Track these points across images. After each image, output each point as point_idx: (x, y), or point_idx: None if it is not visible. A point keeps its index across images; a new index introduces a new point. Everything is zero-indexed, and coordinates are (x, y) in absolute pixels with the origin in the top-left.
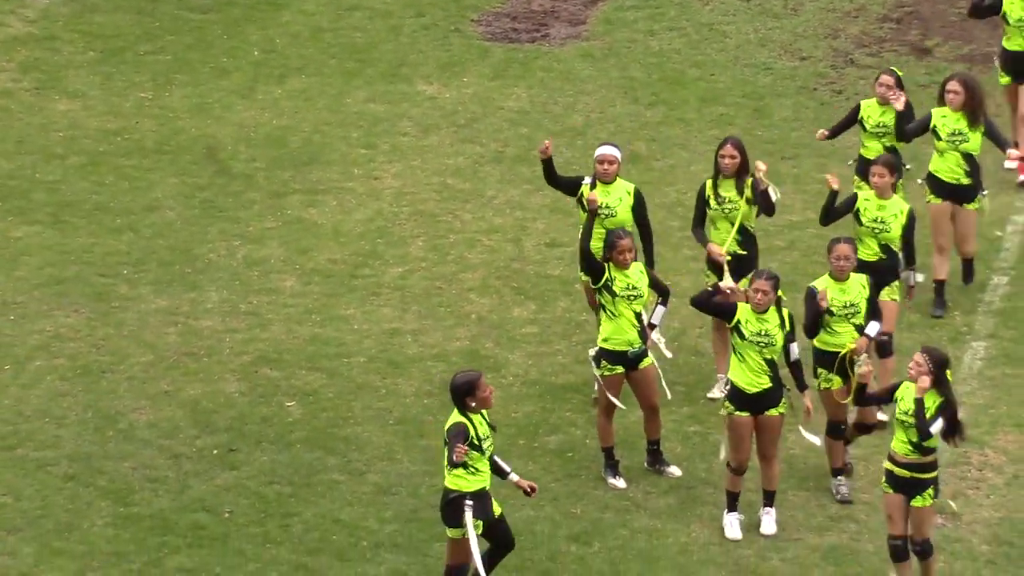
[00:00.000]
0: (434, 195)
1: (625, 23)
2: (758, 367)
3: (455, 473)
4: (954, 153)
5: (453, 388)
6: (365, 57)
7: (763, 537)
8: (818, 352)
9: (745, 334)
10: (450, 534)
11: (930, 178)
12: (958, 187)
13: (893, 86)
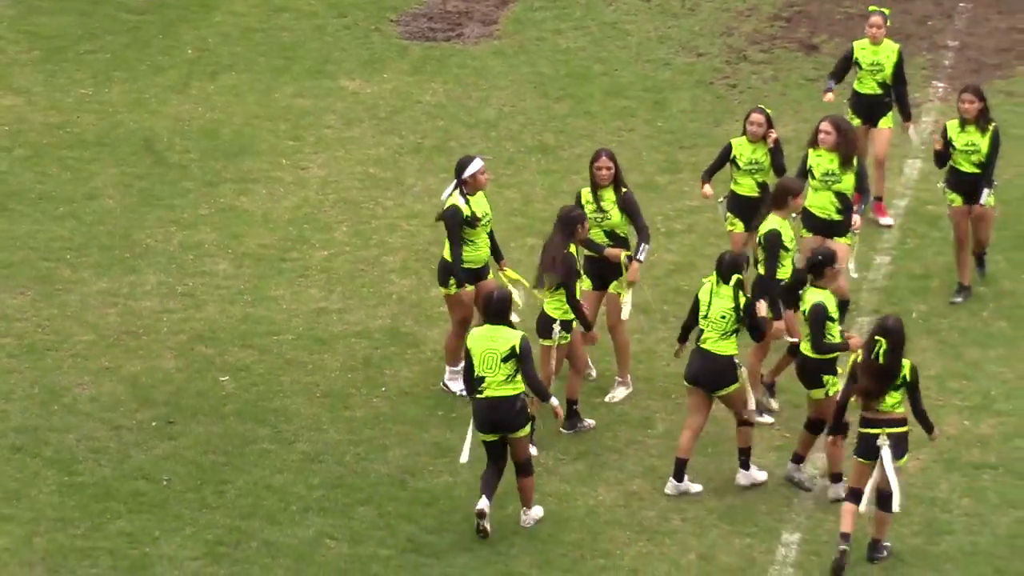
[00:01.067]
0: (357, 183)
1: (534, 23)
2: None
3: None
4: (827, 192)
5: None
6: (292, 55)
7: (665, 498)
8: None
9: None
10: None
11: (804, 212)
12: (830, 222)
13: (763, 123)
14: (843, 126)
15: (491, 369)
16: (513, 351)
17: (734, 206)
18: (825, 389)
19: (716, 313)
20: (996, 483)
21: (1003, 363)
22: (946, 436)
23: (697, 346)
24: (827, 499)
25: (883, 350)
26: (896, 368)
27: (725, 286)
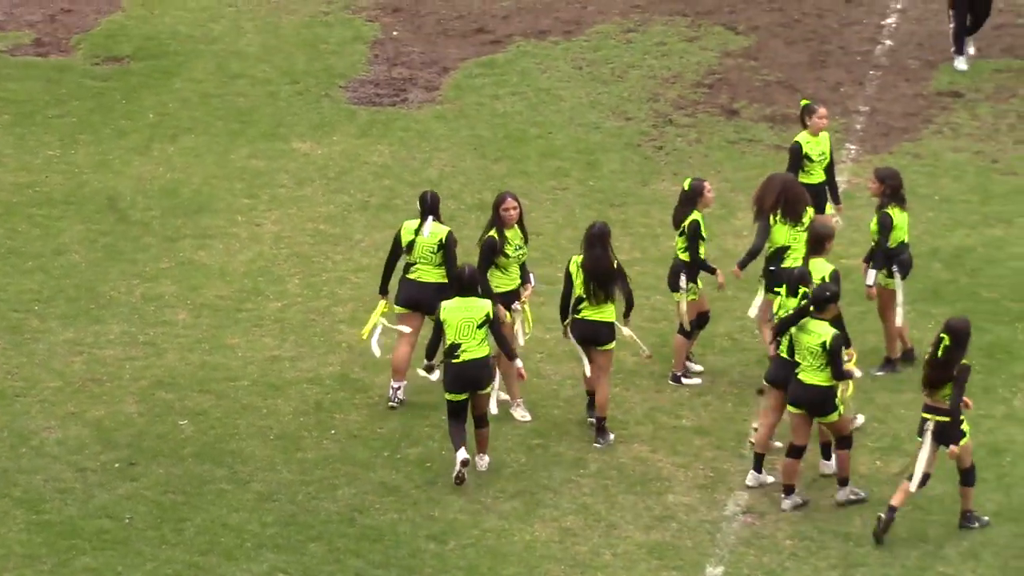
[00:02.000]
0: (308, 239)
1: (474, 88)
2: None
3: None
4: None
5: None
6: (247, 119)
7: (597, 535)
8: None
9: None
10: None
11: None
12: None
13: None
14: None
15: (468, 336)
16: (487, 317)
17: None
18: (839, 410)
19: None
20: (906, 519)
21: (912, 407)
22: (859, 475)
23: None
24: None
25: (944, 345)
26: (956, 361)
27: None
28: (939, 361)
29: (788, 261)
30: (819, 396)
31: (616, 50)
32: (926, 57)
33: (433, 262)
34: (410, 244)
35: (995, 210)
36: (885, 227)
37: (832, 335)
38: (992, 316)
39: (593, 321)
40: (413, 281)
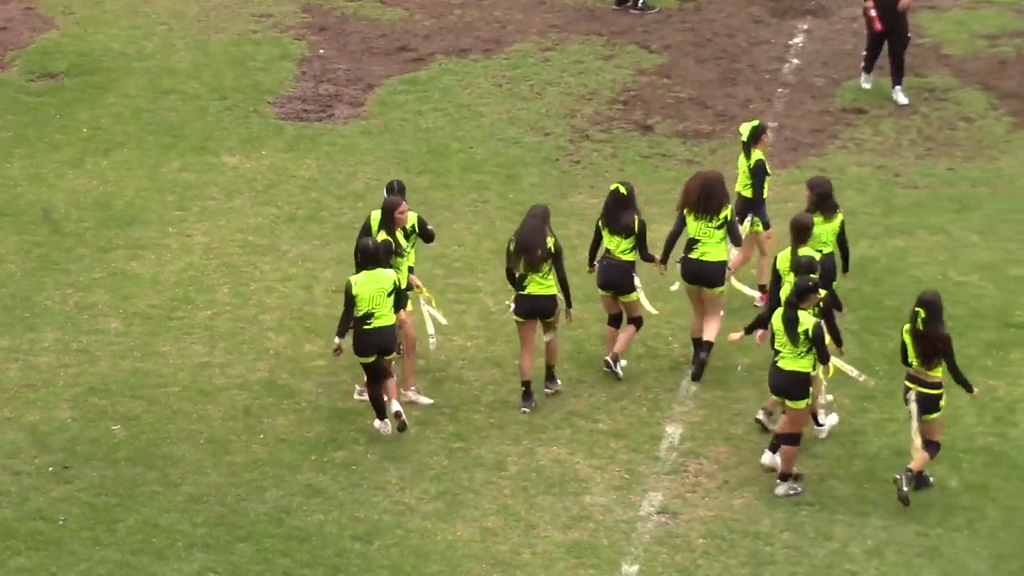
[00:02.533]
0: (237, 250)
1: (398, 105)
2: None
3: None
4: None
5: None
6: (178, 133)
7: (517, 534)
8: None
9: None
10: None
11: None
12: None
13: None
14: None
15: (380, 304)
16: (395, 285)
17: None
18: (808, 399)
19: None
20: (813, 518)
21: None
22: (768, 476)
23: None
24: (665, 531)
25: (922, 318)
26: (936, 333)
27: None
28: (921, 333)
29: (695, 253)
30: (795, 381)
31: (534, 68)
32: (831, 75)
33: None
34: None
35: (897, 222)
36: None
37: (814, 323)
38: (894, 324)
39: (536, 295)
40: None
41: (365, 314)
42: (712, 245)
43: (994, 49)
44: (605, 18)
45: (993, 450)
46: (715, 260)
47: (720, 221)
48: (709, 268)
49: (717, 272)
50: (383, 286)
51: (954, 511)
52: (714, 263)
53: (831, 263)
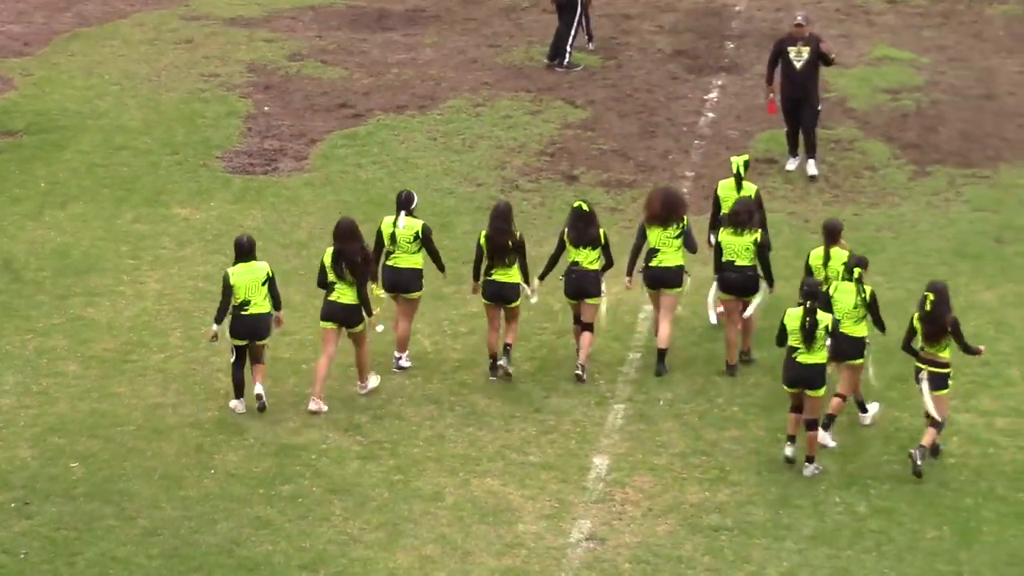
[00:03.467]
0: (188, 296)
1: (339, 158)
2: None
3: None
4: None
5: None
6: (131, 187)
7: (454, 561)
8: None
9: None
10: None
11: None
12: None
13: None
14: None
15: (254, 293)
16: (268, 276)
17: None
18: (825, 387)
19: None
20: (732, 543)
21: (736, 442)
22: (689, 504)
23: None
24: (593, 556)
25: (931, 301)
26: (943, 316)
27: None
28: (929, 316)
29: (655, 261)
30: (815, 372)
31: (467, 123)
32: (744, 128)
33: (410, 251)
34: (392, 236)
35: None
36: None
37: (831, 319)
38: None
39: (501, 282)
40: (391, 267)
41: (242, 302)
42: (670, 253)
43: (895, 103)
44: (533, 75)
45: (898, 477)
46: (673, 265)
47: (678, 231)
48: (669, 272)
49: (676, 275)
50: (258, 277)
51: (863, 534)
52: (673, 268)
53: (734, 275)
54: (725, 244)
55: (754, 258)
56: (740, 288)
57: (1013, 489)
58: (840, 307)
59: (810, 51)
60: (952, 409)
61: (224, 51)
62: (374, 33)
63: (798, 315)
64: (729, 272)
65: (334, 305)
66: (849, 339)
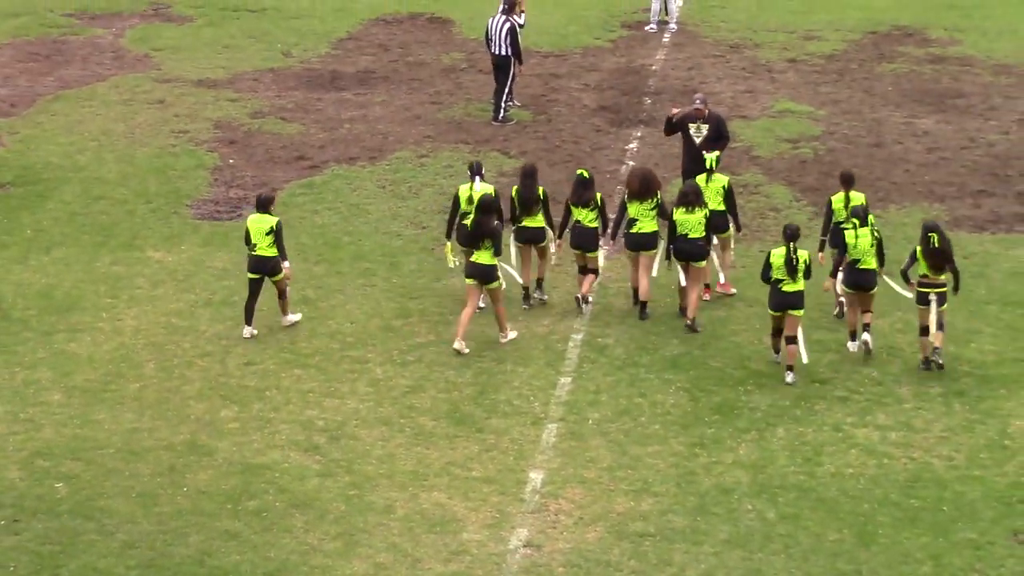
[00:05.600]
0: (162, 331)
1: (297, 205)
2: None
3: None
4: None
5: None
6: (109, 233)
7: (404, 568)
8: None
9: None
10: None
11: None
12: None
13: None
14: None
15: (261, 239)
16: (272, 228)
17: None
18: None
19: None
20: (655, 548)
21: (657, 457)
22: (616, 513)
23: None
24: (531, 562)
25: (936, 238)
26: (949, 250)
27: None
28: (936, 250)
29: (635, 228)
30: (796, 297)
31: (412, 172)
32: (662, 175)
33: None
34: (469, 199)
35: (712, 296)
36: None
37: (808, 255)
38: (719, 381)
39: (531, 227)
40: (467, 226)
41: (252, 244)
42: (647, 222)
43: (796, 151)
44: (471, 129)
45: (803, 487)
46: (649, 231)
47: (653, 204)
48: (645, 237)
49: (652, 240)
50: (262, 227)
51: (772, 538)
52: (649, 233)
53: (683, 244)
54: (679, 220)
55: (703, 231)
56: (690, 255)
57: (905, 496)
58: (861, 247)
59: (708, 128)
60: (850, 424)
61: (193, 110)
62: (328, 92)
63: (782, 253)
64: (682, 243)
65: (474, 265)
66: (869, 272)
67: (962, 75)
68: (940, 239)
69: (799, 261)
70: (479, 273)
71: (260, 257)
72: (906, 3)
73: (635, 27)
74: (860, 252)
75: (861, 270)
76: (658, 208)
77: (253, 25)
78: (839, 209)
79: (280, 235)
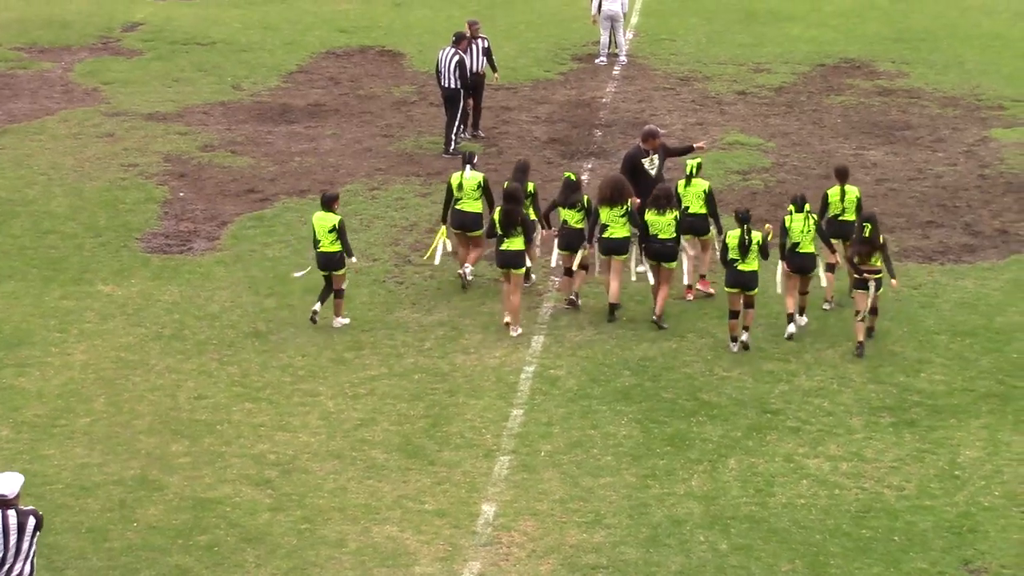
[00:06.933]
0: (112, 365)
1: (248, 238)
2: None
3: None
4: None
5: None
6: (58, 267)
7: None
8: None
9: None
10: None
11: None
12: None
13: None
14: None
15: (324, 236)
16: (334, 226)
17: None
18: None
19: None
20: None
21: (610, 488)
22: (569, 545)
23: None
24: None
25: (869, 229)
26: (877, 239)
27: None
28: (867, 239)
29: (607, 233)
30: (750, 277)
31: (364, 204)
32: None
33: (474, 197)
34: (459, 185)
35: (671, 327)
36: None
37: (762, 235)
38: (671, 413)
39: (508, 251)
40: (459, 210)
41: (316, 240)
42: (618, 228)
43: (745, 182)
44: (422, 162)
45: (755, 517)
46: (621, 236)
47: (623, 211)
48: (617, 242)
49: (623, 245)
50: (325, 224)
51: (725, 569)
52: (620, 239)
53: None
54: (651, 222)
55: (674, 232)
56: (661, 255)
57: (857, 526)
58: (795, 231)
59: (659, 158)
60: (802, 455)
61: (142, 143)
62: (278, 125)
63: (736, 235)
64: (654, 243)
65: (504, 253)
66: (808, 255)
67: (910, 107)
68: (872, 230)
69: (751, 242)
70: (509, 260)
71: (326, 253)
72: (854, 36)
73: (585, 60)
74: (798, 236)
75: (801, 254)
76: (628, 215)
77: (203, 58)
78: (835, 202)
79: (344, 232)
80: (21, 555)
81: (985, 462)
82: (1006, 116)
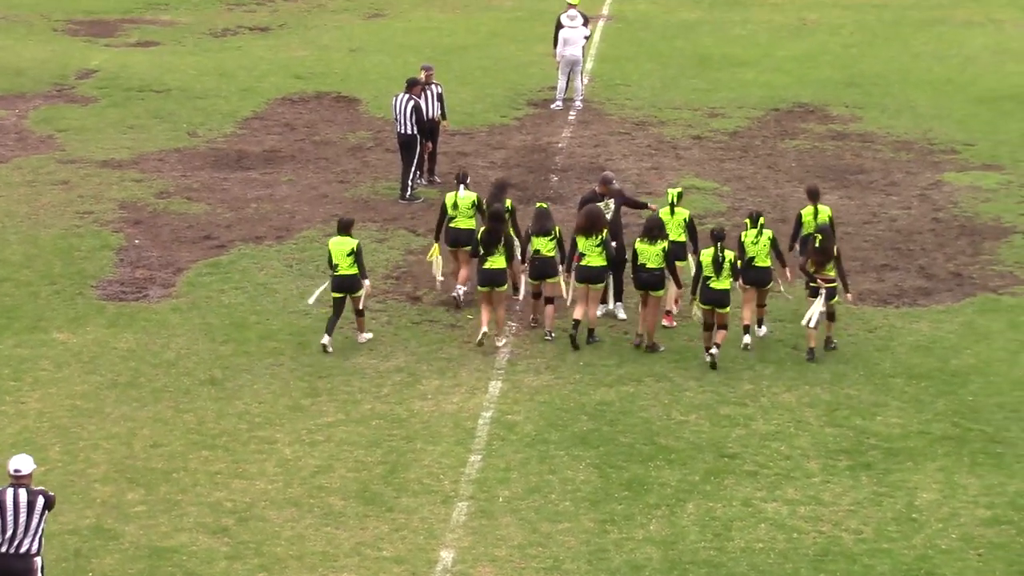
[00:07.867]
0: (67, 413)
1: (203, 285)
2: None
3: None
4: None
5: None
6: (12, 315)
7: None
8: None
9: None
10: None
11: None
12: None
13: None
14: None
15: (343, 260)
16: (352, 249)
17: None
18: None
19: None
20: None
21: (568, 534)
22: None
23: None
24: None
25: (820, 239)
26: (830, 249)
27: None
28: (819, 250)
29: (584, 262)
30: (723, 294)
31: (320, 251)
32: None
33: (468, 215)
34: (454, 204)
35: (627, 371)
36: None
37: (733, 255)
38: (628, 457)
39: (495, 269)
40: (453, 228)
41: (334, 264)
42: (594, 257)
43: (702, 227)
44: (378, 207)
45: (714, 562)
46: (596, 266)
47: (599, 240)
48: (593, 271)
49: (599, 274)
50: (343, 248)
51: None
52: (596, 268)
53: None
54: (640, 251)
55: (661, 261)
56: (648, 284)
57: (815, 570)
58: (749, 247)
59: (615, 202)
60: (760, 499)
61: (97, 191)
62: (234, 172)
63: (710, 253)
64: (642, 273)
65: (487, 272)
66: (763, 269)
67: (863, 151)
68: (824, 241)
69: (724, 260)
70: (492, 278)
71: (343, 276)
72: (807, 81)
73: (541, 105)
74: (754, 251)
75: (756, 267)
76: (604, 245)
77: (158, 105)
78: (808, 222)
79: (360, 255)
80: (30, 532)
81: (942, 504)
82: (959, 160)
